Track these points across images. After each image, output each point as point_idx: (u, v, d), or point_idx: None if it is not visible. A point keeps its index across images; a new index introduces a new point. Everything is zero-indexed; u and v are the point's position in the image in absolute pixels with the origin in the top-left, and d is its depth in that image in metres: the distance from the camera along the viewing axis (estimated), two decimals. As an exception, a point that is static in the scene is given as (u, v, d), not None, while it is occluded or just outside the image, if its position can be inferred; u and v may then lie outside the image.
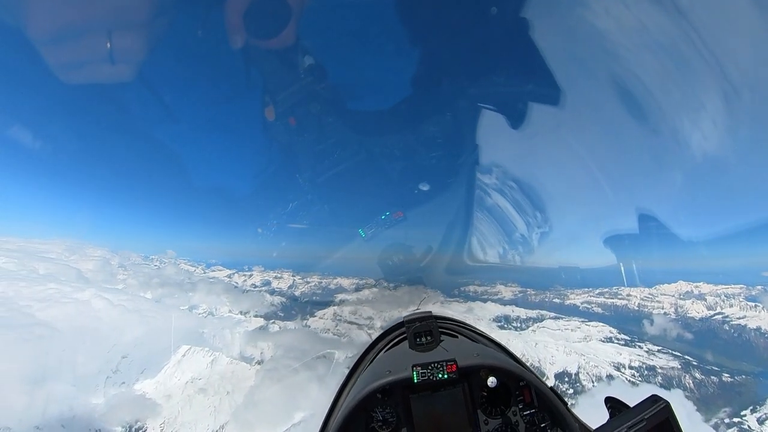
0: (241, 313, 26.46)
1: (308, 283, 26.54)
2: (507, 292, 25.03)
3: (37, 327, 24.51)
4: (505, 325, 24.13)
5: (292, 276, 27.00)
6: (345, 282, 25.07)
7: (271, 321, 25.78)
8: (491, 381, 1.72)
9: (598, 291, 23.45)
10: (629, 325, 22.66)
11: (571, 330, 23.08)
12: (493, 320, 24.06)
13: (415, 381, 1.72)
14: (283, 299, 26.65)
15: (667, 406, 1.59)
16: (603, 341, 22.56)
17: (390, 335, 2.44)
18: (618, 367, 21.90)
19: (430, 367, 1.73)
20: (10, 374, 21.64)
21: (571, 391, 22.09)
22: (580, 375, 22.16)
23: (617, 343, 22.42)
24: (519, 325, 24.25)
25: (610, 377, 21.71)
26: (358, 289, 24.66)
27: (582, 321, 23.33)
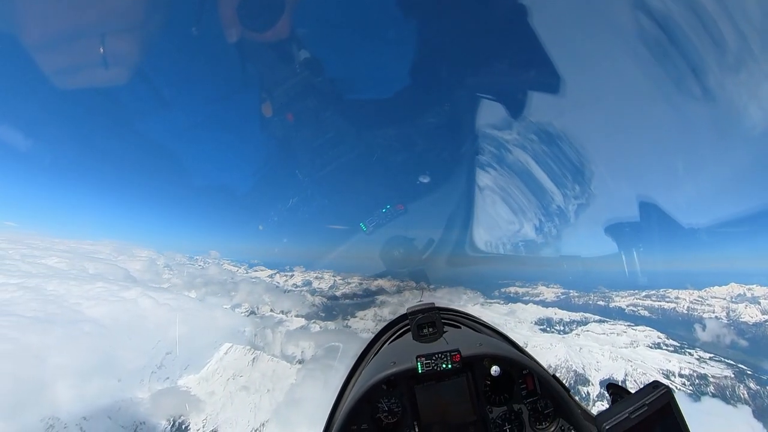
0: (282, 312, 26.82)
1: (349, 283, 26.88)
2: (549, 293, 24.77)
3: (86, 323, 25.47)
4: (548, 329, 23.53)
5: (333, 277, 27.37)
6: (386, 284, 25.28)
7: (312, 321, 25.98)
8: (494, 370, 1.77)
9: (644, 293, 22.81)
10: (678, 329, 21.84)
11: (617, 334, 22.21)
12: (535, 323, 23.61)
13: (420, 371, 1.73)
14: (324, 299, 26.95)
15: (668, 391, 1.59)
16: (651, 347, 21.60)
17: (394, 327, 2.48)
18: (667, 375, 20.97)
19: (434, 358, 1.75)
20: (60, 368, 22.40)
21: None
22: (627, 383, 21.39)
23: (666, 350, 21.46)
24: (562, 328, 23.58)
25: (659, 386, 20.86)
26: (399, 291, 24.83)
27: (628, 325, 22.58)
